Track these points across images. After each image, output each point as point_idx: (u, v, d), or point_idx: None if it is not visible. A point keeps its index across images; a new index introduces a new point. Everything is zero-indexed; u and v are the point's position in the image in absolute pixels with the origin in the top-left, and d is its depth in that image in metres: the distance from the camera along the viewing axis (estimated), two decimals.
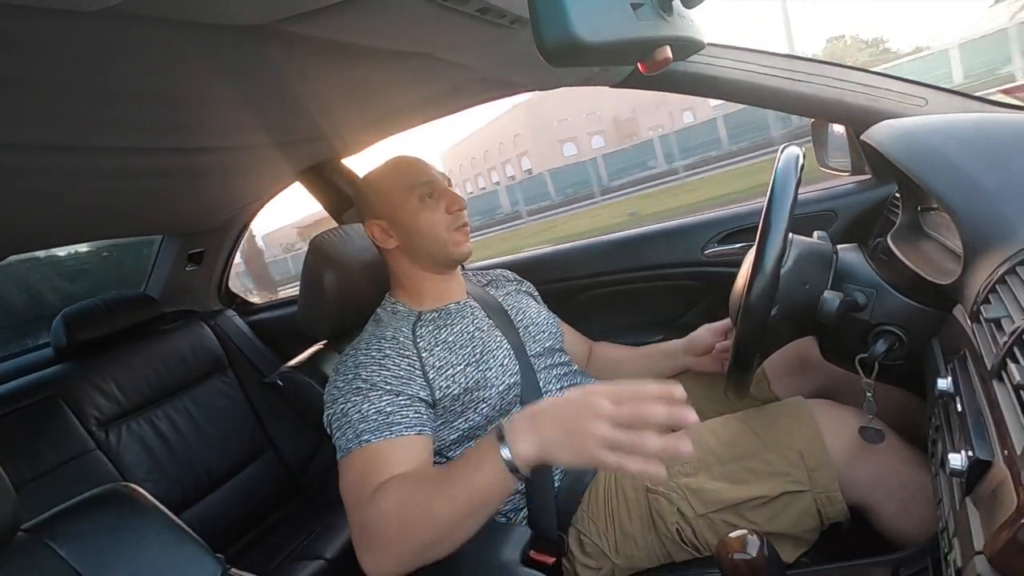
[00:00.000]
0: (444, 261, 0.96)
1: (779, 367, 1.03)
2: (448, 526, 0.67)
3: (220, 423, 1.53)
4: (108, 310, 1.46)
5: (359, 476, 0.75)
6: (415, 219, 0.93)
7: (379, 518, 0.70)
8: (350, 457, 0.77)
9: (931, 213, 0.91)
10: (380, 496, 0.71)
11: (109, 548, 0.61)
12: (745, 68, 1.07)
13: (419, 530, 0.67)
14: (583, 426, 0.59)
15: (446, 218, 0.93)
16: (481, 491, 0.66)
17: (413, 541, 0.68)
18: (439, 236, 0.93)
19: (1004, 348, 0.48)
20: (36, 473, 1.19)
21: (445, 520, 0.67)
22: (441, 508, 0.67)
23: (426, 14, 0.61)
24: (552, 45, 0.41)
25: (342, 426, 0.79)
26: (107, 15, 0.46)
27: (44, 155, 0.80)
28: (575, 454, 0.60)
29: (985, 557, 0.40)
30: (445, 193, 0.94)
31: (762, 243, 0.69)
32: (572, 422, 0.61)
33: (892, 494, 0.76)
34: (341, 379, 0.84)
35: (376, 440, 0.76)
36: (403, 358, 0.85)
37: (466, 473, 0.67)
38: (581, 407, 0.61)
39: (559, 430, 0.62)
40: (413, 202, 0.93)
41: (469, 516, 0.67)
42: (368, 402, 0.79)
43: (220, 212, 1.57)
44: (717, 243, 1.36)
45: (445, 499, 0.67)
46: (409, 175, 0.95)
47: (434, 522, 0.67)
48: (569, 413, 0.62)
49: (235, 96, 0.81)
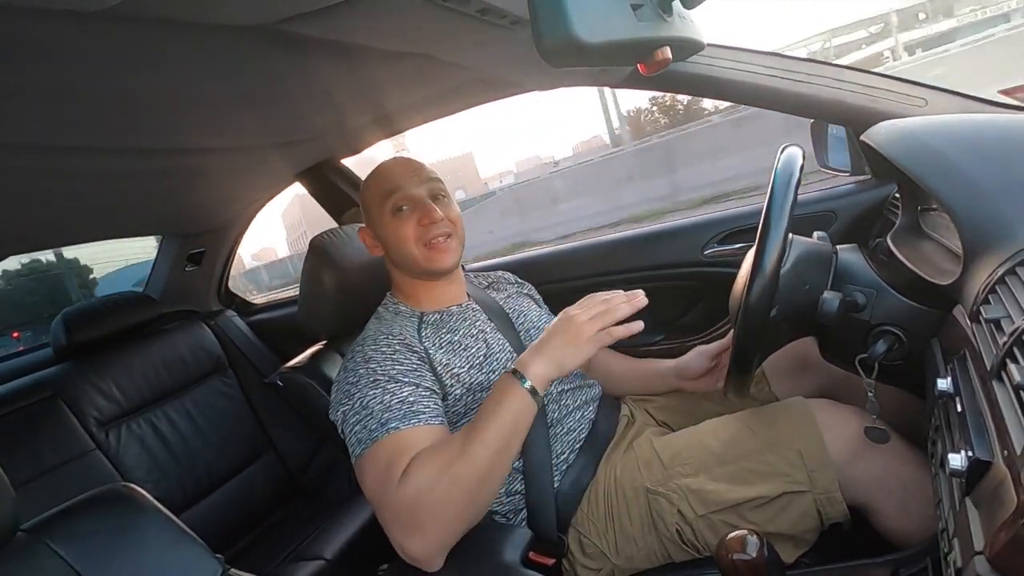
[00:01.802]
0: (422, 274, 0.94)
1: (779, 367, 1.02)
2: (488, 466, 0.72)
3: (220, 423, 1.53)
4: (108, 310, 1.46)
5: (387, 465, 0.72)
6: (387, 232, 0.92)
7: (416, 494, 0.69)
8: (375, 447, 0.74)
9: (931, 213, 0.91)
10: (411, 474, 0.70)
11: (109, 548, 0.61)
12: (745, 68, 1.07)
13: (464, 484, 0.70)
14: (572, 330, 0.75)
15: (418, 231, 0.91)
16: (510, 423, 0.73)
17: (460, 502, 0.71)
18: (410, 251, 0.91)
19: (1004, 348, 0.48)
20: (36, 473, 1.19)
21: (484, 461, 0.71)
22: (478, 452, 0.71)
23: (426, 14, 0.61)
24: (552, 45, 0.41)
25: (363, 419, 0.77)
26: (107, 16, 0.46)
27: (44, 156, 0.80)
28: (578, 349, 0.75)
29: (985, 557, 0.40)
30: (418, 206, 0.91)
31: (762, 243, 0.69)
32: (563, 333, 0.76)
33: (892, 493, 0.76)
34: (352, 375, 0.82)
35: (405, 427, 0.75)
36: (413, 353, 0.85)
37: (492, 414, 0.74)
38: (564, 322, 0.77)
39: (558, 343, 0.76)
40: (386, 215, 0.92)
41: (504, 451, 0.73)
42: (389, 393, 0.78)
43: (220, 212, 1.57)
44: (717, 243, 1.36)
45: (478, 444, 0.71)
46: (384, 185, 0.93)
47: (476, 467, 0.71)
48: (558, 330, 0.77)
49: (235, 96, 0.81)
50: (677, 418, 1.06)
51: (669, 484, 0.84)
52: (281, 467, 1.60)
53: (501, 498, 0.89)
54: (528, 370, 0.75)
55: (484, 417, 0.74)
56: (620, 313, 0.76)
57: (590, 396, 1.01)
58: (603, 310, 0.76)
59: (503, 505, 0.89)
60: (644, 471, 0.87)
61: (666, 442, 0.90)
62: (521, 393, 0.74)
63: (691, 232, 1.38)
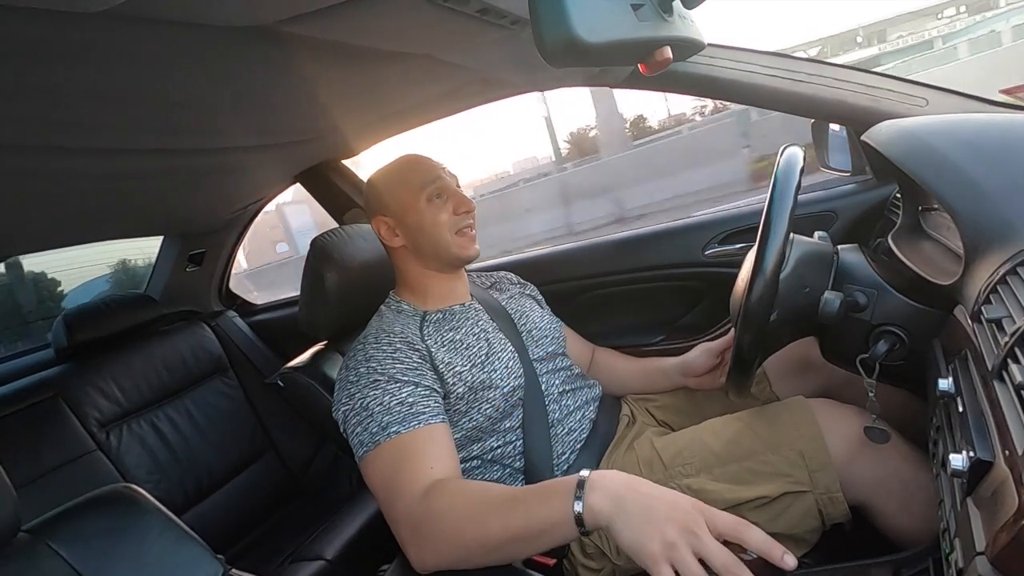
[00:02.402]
0: (449, 262, 0.95)
1: (780, 368, 1.02)
2: (496, 545, 0.65)
3: (221, 424, 1.53)
4: (109, 311, 1.46)
5: (393, 468, 0.74)
6: (422, 219, 0.92)
7: (432, 516, 0.69)
8: (378, 450, 0.75)
9: (932, 213, 0.91)
10: (435, 496, 0.70)
11: (110, 549, 0.61)
12: (745, 68, 1.07)
13: (467, 539, 0.66)
14: (663, 526, 0.55)
15: (452, 219, 0.93)
16: (539, 526, 0.62)
17: (460, 547, 0.67)
18: (444, 237, 0.93)
19: (1005, 348, 0.48)
20: (37, 474, 1.19)
21: (494, 539, 0.65)
22: (495, 526, 0.65)
23: (426, 15, 0.61)
24: (552, 45, 0.40)
25: (363, 420, 0.78)
26: (107, 16, 0.46)
27: (45, 156, 0.80)
28: (637, 542, 0.55)
29: (986, 558, 0.40)
30: (454, 195, 0.94)
31: (762, 244, 0.69)
32: (657, 514, 0.56)
33: (893, 493, 0.76)
34: (354, 374, 0.83)
35: (405, 431, 0.76)
36: (414, 351, 0.86)
37: (532, 502, 0.64)
38: (676, 509, 0.56)
39: (640, 512, 0.57)
40: (421, 202, 0.92)
41: (519, 544, 0.65)
42: (388, 394, 0.79)
43: (221, 213, 1.57)
44: (718, 243, 1.36)
45: (501, 519, 0.65)
46: (419, 174, 0.94)
47: (485, 537, 0.65)
48: (661, 505, 0.57)
49: (235, 97, 0.81)
50: (678, 418, 1.06)
51: (670, 484, 0.83)
52: (282, 467, 1.60)
53: None
54: (593, 496, 0.59)
55: (522, 500, 0.65)
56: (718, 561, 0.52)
57: (591, 396, 1.01)
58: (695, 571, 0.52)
59: None
60: (645, 471, 0.87)
61: (667, 442, 0.90)
62: (564, 512, 0.60)
63: (692, 232, 1.38)
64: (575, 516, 0.59)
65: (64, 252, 1.49)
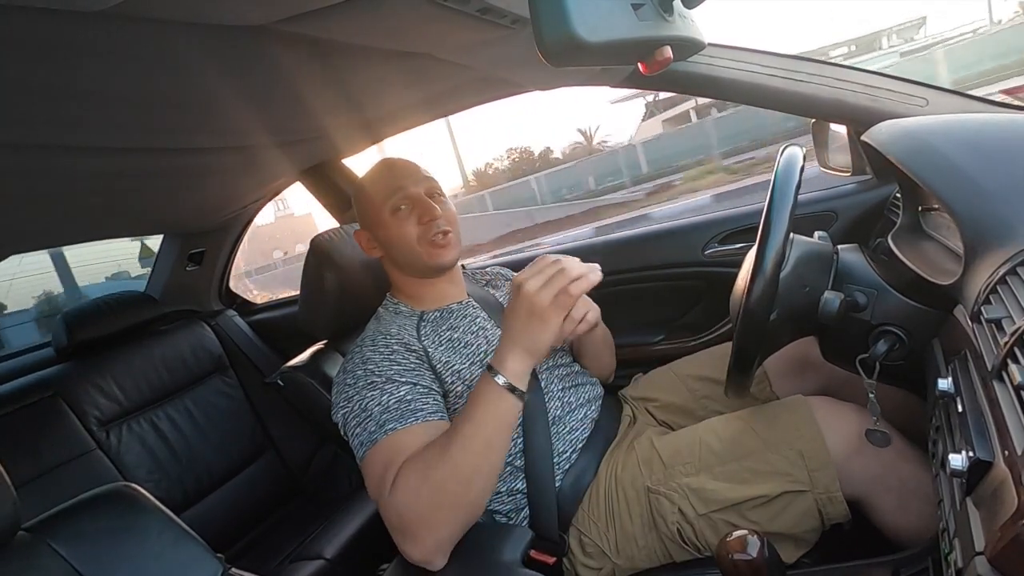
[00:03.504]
0: (424, 271, 0.95)
1: (780, 368, 1.02)
2: (471, 469, 0.70)
3: (221, 423, 1.53)
4: (109, 310, 1.46)
5: (384, 468, 0.73)
6: (388, 232, 0.92)
7: (403, 502, 0.69)
8: (375, 449, 0.75)
9: (932, 213, 0.91)
10: (397, 483, 0.71)
11: (110, 548, 0.61)
12: (745, 68, 1.07)
13: (447, 488, 0.69)
14: (526, 304, 0.69)
15: (418, 229, 0.91)
16: (490, 422, 0.71)
17: (446, 506, 0.69)
18: (413, 249, 0.91)
19: (1005, 348, 0.48)
20: (37, 473, 1.19)
21: (467, 464, 0.69)
22: (459, 455, 0.69)
23: (426, 14, 0.61)
24: (552, 45, 0.40)
25: (362, 421, 0.78)
26: (107, 16, 0.46)
27: (45, 156, 0.80)
28: (543, 323, 0.69)
29: (986, 558, 0.40)
30: (417, 203, 0.92)
31: (762, 243, 0.69)
32: (520, 312, 0.70)
33: (891, 490, 0.76)
34: (351, 376, 0.83)
35: (402, 427, 0.75)
36: (411, 352, 0.86)
37: (470, 415, 0.71)
38: (517, 299, 0.71)
39: (520, 326, 0.71)
40: (385, 215, 0.92)
41: (487, 452, 0.71)
42: (386, 394, 0.79)
43: (221, 212, 1.57)
44: (718, 243, 1.36)
45: (458, 448, 0.70)
46: (383, 186, 0.93)
47: (457, 471, 0.69)
48: (515, 309, 0.71)
49: (235, 96, 0.81)
50: (678, 418, 1.06)
51: (670, 483, 0.84)
52: (282, 467, 1.60)
53: (503, 497, 0.89)
54: (503, 365, 0.71)
55: (463, 419, 0.72)
56: (573, 270, 0.69)
57: (592, 395, 1.01)
58: (553, 272, 0.69)
59: (504, 504, 0.89)
60: (645, 470, 0.87)
61: (667, 441, 0.90)
62: (497, 391, 0.71)
63: (692, 232, 1.38)
64: (507, 388, 0.71)
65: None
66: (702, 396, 1.05)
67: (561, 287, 0.68)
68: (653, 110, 25.86)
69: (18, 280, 2.11)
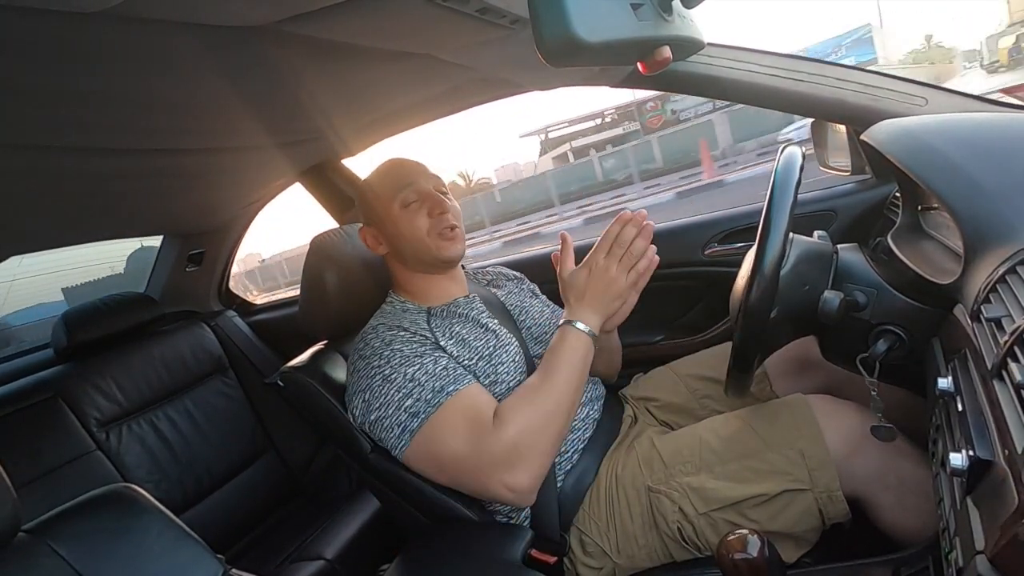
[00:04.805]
0: (433, 264, 0.95)
1: (780, 367, 1.02)
2: (569, 402, 0.81)
3: (221, 424, 1.52)
4: (108, 311, 1.46)
5: (471, 419, 0.79)
6: (398, 226, 0.93)
7: (518, 433, 0.77)
8: (443, 411, 0.79)
9: (931, 213, 0.91)
10: (507, 413, 0.79)
11: (110, 549, 0.61)
12: (745, 68, 1.07)
13: (552, 419, 0.79)
14: (604, 282, 0.83)
15: (428, 222, 0.93)
16: (577, 362, 0.82)
17: (552, 434, 0.79)
18: (422, 241, 0.93)
19: (1005, 347, 0.48)
20: (37, 474, 1.19)
21: (565, 397, 0.80)
22: (558, 391, 0.80)
23: (426, 14, 0.61)
24: (552, 45, 0.40)
25: (411, 391, 0.80)
26: (107, 16, 0.46)
27: (45, 156, 0.80)
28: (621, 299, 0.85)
29: (986, 557, 0.40)
30: (428, 197, 0.93)
31: (762, 242, 0.69)
32: (599, 288, 0.84)
33: (890, 488, 0.76)
34: (379, 358, 0.84)
35: (463, 387, 0.81)
36: (427, 339, 0.87)
37: (560, 358, 0.82)
38: (596, 278, 0.84)
39: (599, 297, 0.84)
40: (395, 209, 0.93)
41: (577, 388, 0.82)
42: (428, 363, 0.83)
43: (221, 213, 1.57)
44: (718, 243, 1.36)
45: (556, 381, 0.80)
46: (392, 181, 0.95)
47: (559, 403, 0.79)
48: (594, 286, 0.84)
49: (235, 97, 0.81)
50: (678, 418, 1.06)
51: (670, 482, 0.84)
52: (282, 467, 1.60)
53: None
54: (584, 319, 0.83)
55: (553, 362, 0.82)
56: (638, 250, 0.84)
57: (594, 395, 1.01)
58: (621, 254, 0.83)
59: (506, 504, 0.89)
60: (645, 470, 0.87)
61: (667, 440, 0.90)
62: (580, 336, 0.82)
63: (692, 231, 1.38)
64: (589, 335, 0.83)
65: (64, 252, 1.49)
66: (702, 396, 1.05)
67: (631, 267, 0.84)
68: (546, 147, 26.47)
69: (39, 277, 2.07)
